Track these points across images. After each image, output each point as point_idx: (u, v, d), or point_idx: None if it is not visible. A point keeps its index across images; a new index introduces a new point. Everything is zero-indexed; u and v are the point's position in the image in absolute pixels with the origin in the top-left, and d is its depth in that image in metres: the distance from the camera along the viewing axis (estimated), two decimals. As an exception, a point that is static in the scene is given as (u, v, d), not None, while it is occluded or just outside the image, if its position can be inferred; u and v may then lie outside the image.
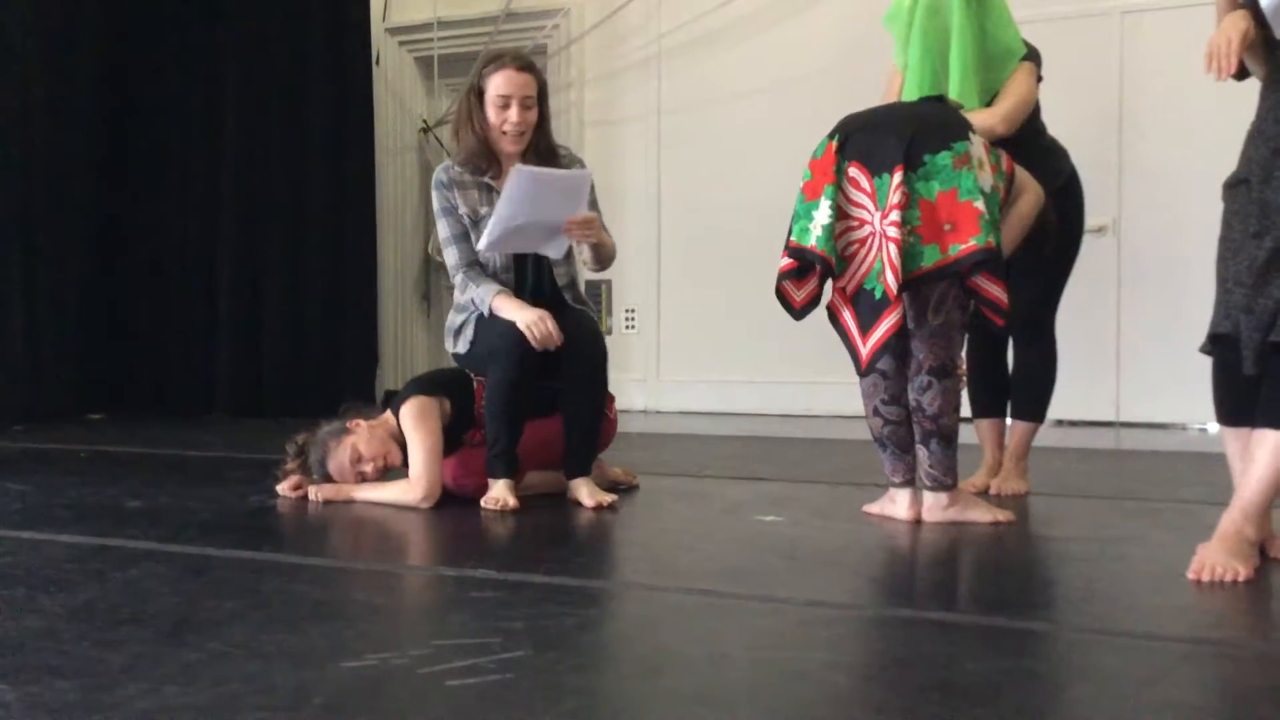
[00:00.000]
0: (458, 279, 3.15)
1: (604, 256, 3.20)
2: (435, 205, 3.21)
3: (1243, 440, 2.23)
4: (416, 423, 3.00)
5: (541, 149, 3.17)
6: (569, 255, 3.22)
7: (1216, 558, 2.12)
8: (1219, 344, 2.25)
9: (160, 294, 6.52)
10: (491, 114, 3.10)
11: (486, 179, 3.17)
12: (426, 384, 3.16)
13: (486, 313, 3.05)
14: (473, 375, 3.21)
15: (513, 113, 3.08)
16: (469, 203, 3.16)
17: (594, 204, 3.17)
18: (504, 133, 3.10)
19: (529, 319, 2.95)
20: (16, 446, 4.65)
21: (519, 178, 2.93)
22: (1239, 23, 2.14)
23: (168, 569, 2.26)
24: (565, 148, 3.31)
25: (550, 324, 2.96)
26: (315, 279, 6.25)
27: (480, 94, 3.12)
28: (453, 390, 3.15)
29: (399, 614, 2.05)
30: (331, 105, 6.24)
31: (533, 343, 2.94)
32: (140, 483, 3.52)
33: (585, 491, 3.03)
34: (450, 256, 3.17)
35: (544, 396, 3.15)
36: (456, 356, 3.24)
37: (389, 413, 3.15)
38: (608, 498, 3.03)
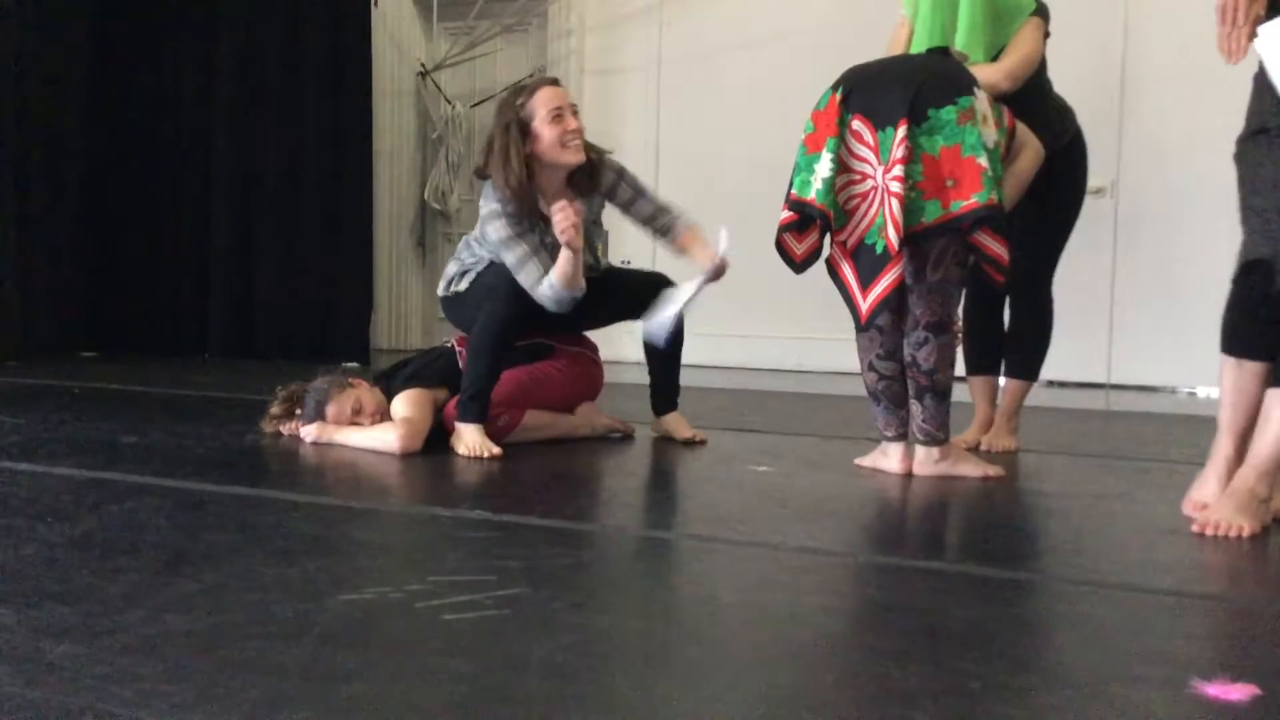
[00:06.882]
0: (542, 291, 2.98)
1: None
2: (502, 234, 3.02)
3: (1242, 373, 2.24)
4: (406, 406, 3.04)
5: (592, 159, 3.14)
6: (597, 234, 3.29)
7: (1224, 513, 2.14)
8: (1254, 272, 2.21)
9: (154, 235, 6.50)
10: (548, 132, 3.01)
11: (531, 224, 3.08)
12: (420, 377, 3.15)
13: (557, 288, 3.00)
14: (454, 347, 3.22)
15: (570, 120, 3.05)
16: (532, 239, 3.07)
17: (642, 191, 3.28)
18: (565, 146, 3.04)
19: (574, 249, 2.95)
20: (10, 381, 4.65)
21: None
22: None
23: (164, 503, 2.28)
24: (595, 148, 3.20)
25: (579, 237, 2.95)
26: (310, 222, 6.22)
27: (524, 126, 3.02)
28: (445, 374, 3.17)
29: (395, 551, 2.06)
30: (328, 48, 6.18)
31: (557, 234, 2.90)
32: (134, 419, 3.53)
33: (682, 425, 3.29)
34: (532, 273, 2.99)
35: (540, 351, 3.20)
36: (450, 298, 3.22)
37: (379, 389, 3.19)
38: (699, 433, 3.28)
